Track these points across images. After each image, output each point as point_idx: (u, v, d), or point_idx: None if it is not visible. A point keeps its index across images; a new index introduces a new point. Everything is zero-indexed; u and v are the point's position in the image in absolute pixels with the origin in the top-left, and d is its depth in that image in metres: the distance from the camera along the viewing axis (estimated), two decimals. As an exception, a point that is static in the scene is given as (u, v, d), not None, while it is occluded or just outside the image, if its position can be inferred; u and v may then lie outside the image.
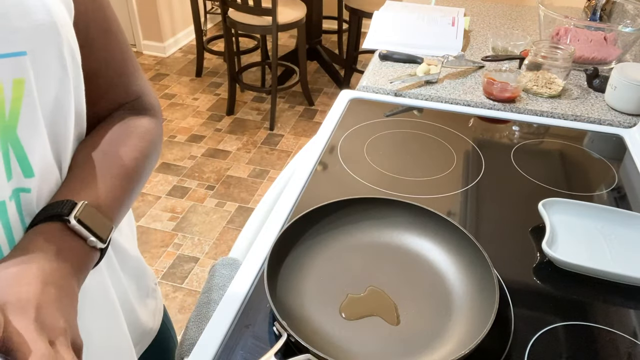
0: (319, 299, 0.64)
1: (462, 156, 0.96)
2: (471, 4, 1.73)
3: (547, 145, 1.02)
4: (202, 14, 3.53)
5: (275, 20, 2.58)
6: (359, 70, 3.29)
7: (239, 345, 0.59)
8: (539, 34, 1.40)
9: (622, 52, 1.27)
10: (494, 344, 0.60)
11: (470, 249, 0.66)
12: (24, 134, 0.43)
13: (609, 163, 0.96)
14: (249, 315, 0.63)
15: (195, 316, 0.70)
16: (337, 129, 1.02)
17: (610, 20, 1.42)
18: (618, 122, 1.08)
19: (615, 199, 0.86)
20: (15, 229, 0.45)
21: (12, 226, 0.44)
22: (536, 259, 0.73)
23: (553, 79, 1.16)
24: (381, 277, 0.67)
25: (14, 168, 0.43)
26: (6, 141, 0.41)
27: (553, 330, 0.63)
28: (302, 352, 0.54)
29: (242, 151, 2.68)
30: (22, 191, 0.45)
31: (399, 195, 0.84)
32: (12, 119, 0.41)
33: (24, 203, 0.45)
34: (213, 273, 0.76)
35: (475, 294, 0.63)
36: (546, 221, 0.75)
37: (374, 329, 0.61)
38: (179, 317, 1.79)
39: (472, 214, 0.81)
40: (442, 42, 1.36)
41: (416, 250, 0.71)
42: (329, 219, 0.72)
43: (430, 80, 1.20)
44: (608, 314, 0.65)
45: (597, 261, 0.71)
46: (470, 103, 1.13)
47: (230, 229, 2.18)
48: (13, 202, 0.44)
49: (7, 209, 0.43)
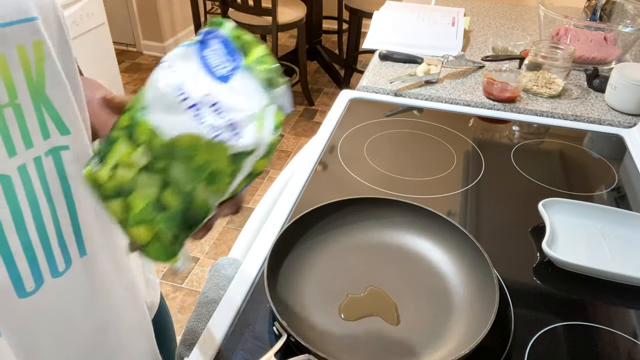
0: (319, 299, 0.64)
1: (462, 156, 0.96)
2: (471, 4, 1.73)
3: (547, 145, 1.02)
4: (202, 14, 3.53)
5: (275, 20, 2.58)
6: (359, 70, 3.29)
7: (239, 345, 0.59)
8: (539, 34, 1.40)
9: (622, 52, 1.27)
10: (494, 344, 0.60)
11: (470, 249, 0.66)
12: (52, 93, 0.45)
13: (609, 163, 0.96)
14: (249, 315, 0.63)
15: (195, 316, 0.70)
16: (337, 129, 1.02)
17: (610, 20, 1.42)
18: (618, 122, 1.08)
19: (615, 199, 0.86)
20: (53, 186, 0.47)
21: (49, 182, 0.47)
22: (536, 259, 0.73)
23: (553, 79, 1.16)
24: (381, 277, 0.67)
25: (49, 127, 0.46)
26: (38, 101, 0.44)
27: (553, 330, 0.63)
28: (302, 352, 0.54)
29: (242, 151, 2.68)
30: (61, 149, 0.48)
31: (399, 195, 0.84)
32: (39, 79, 0.44)
33: (64, 160, 0.48)
34: (213, 273, 0.76)
35: (475, 294, 0.63)
36: (546, 221, 0.75)
37: (374, 329, 0.61)
38: (179, 317, 1.79)
39: (472, 214, 0.81)
40: (442, 42, 1.36)
41: (416, 250, 0.71)
42: (329, 219, 0.72)
43: (430, 80, 1.20)
44: (608, 314, 0.65)
45: (597, 261, 0.71)
46: (470, 103, 1.13)
47: (230, 229, 2.18)
48: (50, 157, 0.46)
49: (43, 165, 0.46)
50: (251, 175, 0.43)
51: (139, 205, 0.42)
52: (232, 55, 0.41)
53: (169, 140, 0.40)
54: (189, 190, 0.41)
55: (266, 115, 0.41)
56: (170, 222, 0.42)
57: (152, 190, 0.41)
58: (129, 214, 0.42)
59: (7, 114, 0.42)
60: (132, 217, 0.42)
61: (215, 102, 0.39)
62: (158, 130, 0.40)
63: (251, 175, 0.43)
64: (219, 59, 0.40)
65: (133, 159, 0.41)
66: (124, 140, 0.42)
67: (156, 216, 0.42)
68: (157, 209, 0.42)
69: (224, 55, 0.41)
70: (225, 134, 0.39)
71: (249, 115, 0.40)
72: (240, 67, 0.40)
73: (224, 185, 0.42)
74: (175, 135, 0.39)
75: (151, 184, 0.41)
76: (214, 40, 0.41)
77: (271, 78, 0.41)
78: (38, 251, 0.49)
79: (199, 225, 0.44)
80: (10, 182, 0.44)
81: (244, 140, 0.40)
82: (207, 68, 0.40)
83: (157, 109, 0.41)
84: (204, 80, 0.40)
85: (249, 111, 0.40)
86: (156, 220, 0.42)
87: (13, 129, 0.43)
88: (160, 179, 0.41)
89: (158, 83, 0.40)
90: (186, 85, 0.40)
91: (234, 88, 0.40)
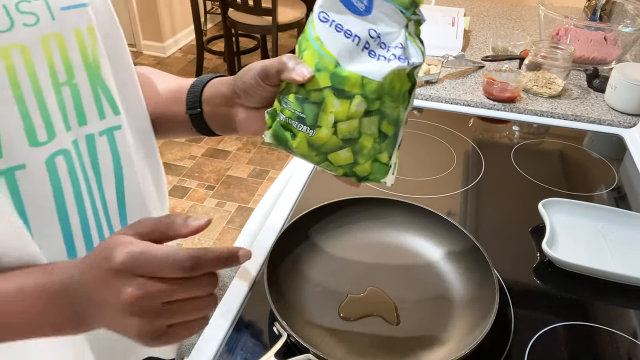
0: (319, 299, 0.64)
1: (462, 156, 0.96)
2: (471, 4, 1.73)
3: (547, 145, 1.02)
4: (202, 14, 3.53)
5: (275, 20, 2.58)
6: (359, 70, 3.28)
7: (239, 345, 0.59)
8: (539, 34, 1.40)
9: (622, 52, 1.27)
10: (494, 344, 0.60)
11: (470, 249, 0.66)
12: (107, 76, 0.48)
13: (609, 163, 0.96)
14: (249, 315, 0.63)
15: (195, 316, 0.70)
16: (337, 129, 1.02)
17: (610, 20, 1.42)
18: (618, 122, 1.08)
19: (615, 199, 0.86)
20: (104, 166, 0.50)
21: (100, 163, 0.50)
22: (536, 259, 0.73)
23: (553, 79, 1.16)
24: (381, 277, 0.67)
25: (105, 108, 0.49)
26: (95, 83, 0.47)
27: (553, 330, 0.63)
28: (302, 352, 0.54)
29: (242, 151, 2.68)
30: (115, 129, 0.51)
31: (399, 195, 0.84)
32: (96, 62, 0.47)
33: (117, 139, 0.51)
34: (213, 273, 0.76)
35: (475, 294, 0.63)
36: (546, 221, 0.75)
37: (374, 329, 0.61)
38: (179, 317, 1.79)
39: (472, 214, 0.81)
40: (442, 42, 1.36)
41: (416, 250, 0.71)
42: (329, 218, 0.72)
43: (430, 80, 1.20)
44: (608, 314, 0.65)
45: (597, 261, 0.71)
46: (470, 103, 1.13)
47: (230, 229, 2.17)
48: (104, 137, 0.50)
49: (96, 144, 0.49)
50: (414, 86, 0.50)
51: (368, 144, 0.48)
52: None
53: (379, 82, 0.46)
54: (397, 115, 0.48)
55: (413, 32, 0.47)
56: (390, 146, 0.50)
57: (374, 128, 0.48)
58: (359, 155, 0.49)
59: (64, 92, 0.45)
60: (364, 155, 0.49)
61: (378, 35, 0.46)
62: (366, 78, 0.46)
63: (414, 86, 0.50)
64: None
65: (353, 110, 0.47)
66: (332, 97, 0.47)
67: (382, 146, 0.49)
68: (380, 140, 0.48)
69: None
70: (404, 59, 0.46)
71: (404, 36, 0.46)
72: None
73: (409, 98, 0.49)
74: (385, 75, 0.46)
75: (372, 123, 0.47)
76: None
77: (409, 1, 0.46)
78: (93, 232, 0.50)
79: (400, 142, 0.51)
80: (70, 156, 0.46)
81: (414, 58, 0.47)
82: (350, 8, 0.46)
83: (348, 60, 0.46)
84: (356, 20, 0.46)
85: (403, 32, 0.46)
86: (383, 149, 0.49)
87: (69, 106, 0.46)
88: (377, 116, 0.47)
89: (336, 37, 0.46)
90: (350, 26, 0.46)
91: (379, 16, 0.45)
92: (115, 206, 0.53)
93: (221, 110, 0.56)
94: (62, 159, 0.45)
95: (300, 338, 0.54)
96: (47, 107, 0.43)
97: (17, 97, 0.41)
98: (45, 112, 0.43)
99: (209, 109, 0.56)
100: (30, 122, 0.42)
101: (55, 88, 0.44)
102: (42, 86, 0.43)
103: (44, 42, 0.42)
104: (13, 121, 0.41)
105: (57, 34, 0.43)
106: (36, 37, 0.42)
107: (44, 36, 0.42)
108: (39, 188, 0.44)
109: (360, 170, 0.50)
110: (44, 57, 0.43)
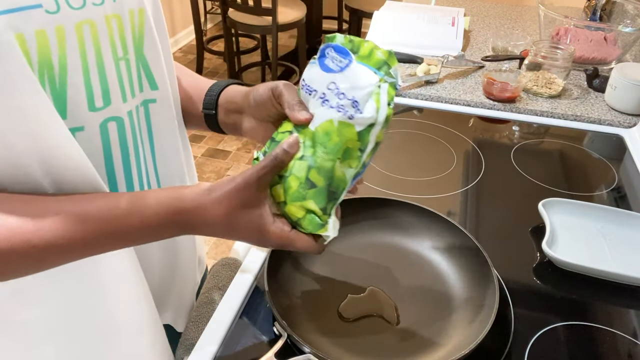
0: (319, 299, 0.64)
1: (462, 156, 0.96)
2: (471, 4, 1.73)
3: (547, 145, 1.02)
4: (202, 14, 3.53)
5: (275, 20, 2.58)
6: (359, 70, 3.28)
7: (239, 345, 0.59)
8: (539, 34, 1.40)
9: (622, 52, 1.27)
10: (494, 344, 0.60)
11: (470, 249, 0.66)
12: (148, 54, 0.54)
13: (609, 163, 0.96)
14: (249, 315, 0.63)
15: (196, 316, 0.70)
16: (337, 129, 1.02)
17: (610, 20, 1.42)
18: (618, 122, 1.08)
19: (615, 199, 0.87)
20: (142, 131, 0.56)
21: (136, 128, 0.55)
22: (536, 259, 0.73)
23: (553, 79, 1.16)
24: (381, 277, 0.67)
25: (143, 82, 0.55)
26: (139, 59, 0.53)
27: (553, 330, 0.63)
28: (302, 352, 0.54)
29: (242, 151, 2.68)
30: (150, 102, 0.56)
31: (399, 195, 0.84)
32: (140, 41, 0.53)
33: (152, 111, 0.57)
34: (213, 273, 0.76)
35: (476, 294, 0.63)
36: (546, 221, 0.75)
37: (374, 329, 0.61)
38: (179, 317, 1.79)
39: (472, 214, 0.81)
40: (442, 42, 1.36)
41: (416, 250, 0.71)
42: (329, 219, 0.72)
43: (430, 80, 1.20)
44: (608, 314, 0.65)
45: (597, 261, 0.71)
46: (470, 103, 1.13)
47: (230, 229, 2.17)
48: (142, 109, 0.56)
49: (132, 115, 0.54)
50: (375, 147, 0.50)
51: (293, 185, 0.49)
52: (344, 55, 0.48)
53: (313, 129, 0.49)
54: (330, 167, 0.49)
55: (381, 91, 0.48)
56: (319, 198, 0.50)
57: (302, 173, 0.49)
58: (287, 194, 0.50)
59: (121, 66, 0.51)
60: (290, 195, 0.50)
61: (337, 87, 0.48)
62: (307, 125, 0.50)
63: (375, 147, 0.50)
64: (334, 59, 0.49)
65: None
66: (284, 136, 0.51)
67: (307, 193, 0.49)
68: (306, 187, 0.49)
69: (338, 56, 0.48)
70: (349, 111, 0.47)
71: (367, 93, 0.47)
72: (352, 60, 0.48)
73: (356, 159, 0.50)
74: (317, 125, 0.49)
75: (301, 168, 0.49)
76: (328, 49, 0.49)
77: (381, 61, 0.48)
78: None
79: (341, 197, 0.52)
80: (123, 124, 0.52)
81: (365, 114, 0.47)
82: (325, 68, 0.49)
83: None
84: (325, 76, 0.49)
85: (366, 89, 0.47)
86: (307, 196, 0.49)
87: (125, 79, 0.51)
88: (307, 162, 0.49)
89: (299, 92, 0.51)
90: (313, 84, 0.50)
91: (350, 75, 0.48)
92: (153, 172, 0.60)
93: (233, 117, 0.62)
94: (114, 124, 0.51)
95: (300, 338, 0.54)
96: (106, 77, 0.49)
97: (84, 67, 0.47)
98: (105, 82, 0.49)
99: (222, 112, 0.63)
100: (91, 90, 0.48)
101: (115, 61, 0.50)
102: (104, 59, 0.48)
103: (107, 20, 0.48)
104: (79, 88, 0.47)
105: (117, 15, 0.49)
106: (101, 16, 0.47)
107: (107, 16, 0.48)
108: (94, 150, 0.50)
109: (290, 212, 0.51)
110: (107, 34, 0.48)
